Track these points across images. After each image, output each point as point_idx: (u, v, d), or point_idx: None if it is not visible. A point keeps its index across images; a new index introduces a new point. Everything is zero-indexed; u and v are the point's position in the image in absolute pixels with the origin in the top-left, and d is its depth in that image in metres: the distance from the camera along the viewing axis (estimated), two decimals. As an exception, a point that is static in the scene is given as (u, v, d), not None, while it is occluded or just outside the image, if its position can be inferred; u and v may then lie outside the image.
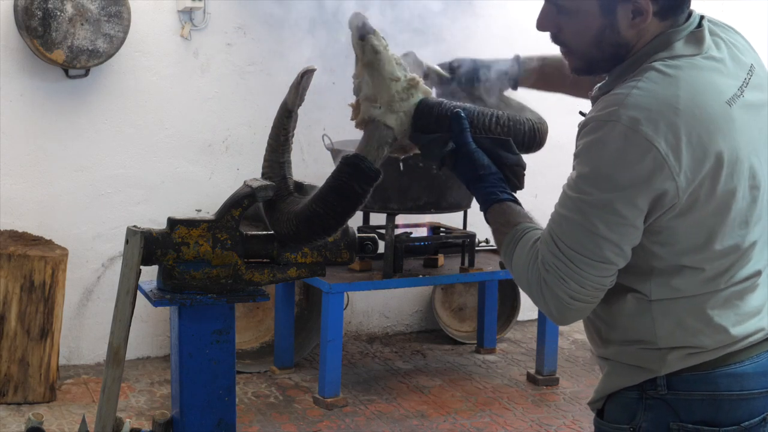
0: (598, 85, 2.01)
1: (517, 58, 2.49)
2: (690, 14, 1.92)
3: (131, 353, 5.39)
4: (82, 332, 5.42)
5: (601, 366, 2.03)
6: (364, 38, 2.07)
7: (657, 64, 1.84)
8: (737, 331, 1.88)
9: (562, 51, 2.02)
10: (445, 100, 2.19)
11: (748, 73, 1.90)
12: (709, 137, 1.79)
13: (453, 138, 2.09)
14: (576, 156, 1.85)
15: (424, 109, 2.18)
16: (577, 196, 1.81)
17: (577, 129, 1.90)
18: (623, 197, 1.77)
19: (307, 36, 5.91)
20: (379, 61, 2.08)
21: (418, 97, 2.19)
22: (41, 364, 4.79)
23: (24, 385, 4.78)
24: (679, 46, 1.87)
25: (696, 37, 1.89)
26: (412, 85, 2.13)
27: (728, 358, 1.87)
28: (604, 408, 2.00)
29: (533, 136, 2.19)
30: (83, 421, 2.56)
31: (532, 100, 2.44)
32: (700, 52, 1.87)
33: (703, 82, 1.83)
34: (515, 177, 2.08)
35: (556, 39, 2.00)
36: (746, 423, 1.87)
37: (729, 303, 1.88)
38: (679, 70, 1.82)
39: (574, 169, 1.86)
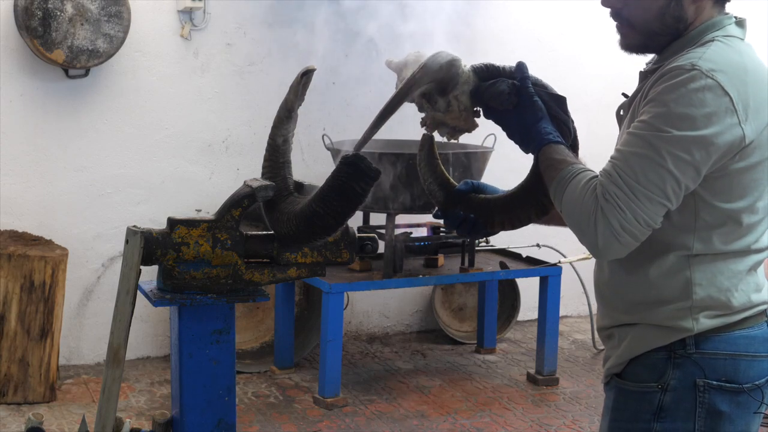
0: (651, 60, 2.15)
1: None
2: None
3: (131, 353, 5.39)
4: (82, 332, 5.42)
5: (619, 336, 2.11)
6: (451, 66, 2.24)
7: (718, 38, 2.02)
8: (756, 297, 2.05)
9: (619, 27, 2.13)
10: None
11: None
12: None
13: (518, 80, 2.17)
14: (651, 100, 1.94)
15: (483, 68, 2.32)
16: (651, 134, 1.91)
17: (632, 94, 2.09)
18: (697, 138, 1.89)
19: (307, 36, 5.92)
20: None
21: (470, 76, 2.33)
22: (41, 364, 4.79)
23: (24, 385, 4.78)
24: (731, 29, 2.08)
25: (742, 24, 2.13)
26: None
27: (744, 322, 2.03)
28: (625, 371, 2.09)
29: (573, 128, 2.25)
30: (83, 421, 2.56)
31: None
32: (744, 37, 2.10)
33: (756, 59, 2.05)
34: (562, 135, 2.14)
35: (617, 15, 2.12)
36: (759, 381, 2.03)
37: (752, 269, 2.05)
38: (737, 45, 2.04)
39: (643, 114, 1.95)
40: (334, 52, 5.90)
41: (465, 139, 2.55)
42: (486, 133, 5.55)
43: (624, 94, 2.20)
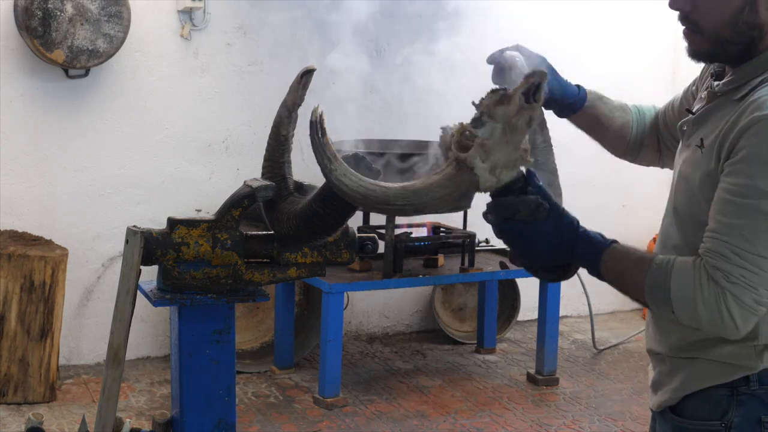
0: (723, 81, 1.97)
1: (579, 88, 2.35)
2: None
3: (131, 353, 5.39)
4: (82, 332, 5.42)
5: (673, 365, 2.02)
6: (536, 102, 1.77)
7: None
8: None
9: (686, 32, 1.98)
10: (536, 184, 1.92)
11: None
12: None
13: (542, 198, 1.87)
14: (743, 159, 1.79)
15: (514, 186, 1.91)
16: (757, 201, 1.76)
17: (720, 131, 1.87)
18: None
19: (307, 36, 5.92)
20: (526, 130, 1.80)
21: (520, 170, 1.89)
22: (41, 364, 4.79)
23: (24, 385, 4.78)
24: None
25: None
26: (524, 157, 1.84)
27: None
28: (682, 406, 2.00)
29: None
30: (83, 421, 2.56)
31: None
32: None
33: None
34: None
35: (685, 19, 1.97)
36: None
37: None
38: None
39: (739, 174, 1.79)
40: (334, 52, 5.90)
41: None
42: (486, 133, 5.56)
43: (689, 111, 2.06)
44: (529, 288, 6.06)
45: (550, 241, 1.85)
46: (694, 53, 1.97)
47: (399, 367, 5.65)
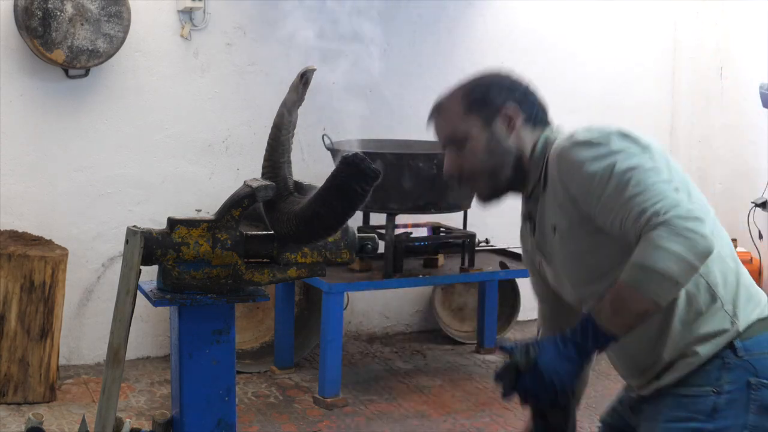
0: (524, 207, 2.30)
1: None
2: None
3: (131, 353, 5.39)
4: (82, 332, 5.42)
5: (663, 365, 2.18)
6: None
7: (558, 137, 2.17)
8: (764, 298, 2.21)
9: (470, 189, 2.27)
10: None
11: None
12: None
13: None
14: (578, 180, 2.07)
15: None
16: (613, 178, 2.00)
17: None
18: (630, 140, 2.07)
19: (307, 36, 5.92)
20: None
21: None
22: (41, 364, 4.79)
23: (24, 385, 4.78)
24: (557, 131, 2.24)
25: (558, 130, 2.26)
26: None
27: None
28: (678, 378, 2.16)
29: None
30: (83, 421, 2.56)
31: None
32: None
33: None
34: None
35: (460, 179, 2.25)
36: None
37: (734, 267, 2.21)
38: None
39: (588, 180, 2.05)
40: (334, 52, 5.90)
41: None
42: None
43: (535, 247, 2.31)
44: (529, 288, 6.05)
45: (560, 357, 2.04)
46: (485, 198, 2.27)
47: (399, 367, 5.65)
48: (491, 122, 2.20)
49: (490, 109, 2.20)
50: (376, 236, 2.55)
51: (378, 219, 5.41)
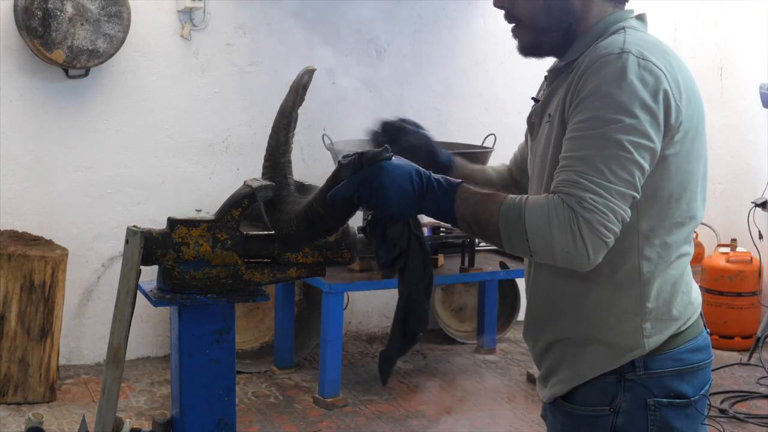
0: (554, 65, 2.10)
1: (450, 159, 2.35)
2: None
3: (131, 353, 5.39)
4: (82, 332, 5.42)
5: (561, 351, 2.04)
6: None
7: (627, 26, 1.98)
8: (695, 301, 2.06)
9: (513, 30, 2.08)
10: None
11: None
12: (688, 76, 1.97)
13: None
14: (589, 95, 1.87)
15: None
16: (604, 129, 1.83)
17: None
18: (649, 116, 1.85)
19: (307, 36, 5.92)
20: None
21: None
22: (41, 364, 4.79)
23: (24, 385, 4.78)
24: (633, 22, 2.02)
25: (642, 19, 2.06)
26: None
27: (688, 333, 2.03)
28: (572, 393, 2.04)
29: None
30: (83, 421, 2.56)
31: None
32: (646, 28, 2.05)
33: (662, 40, 2.01)
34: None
35: (509, 15, 2.07)
36: (704, 389, 2.05)
37: (687, 272, 2.04)
38: (642, 31, 2.01)
39: (583, 111, 1.87)
40: (334, 52, 5.90)
41: (465, 138, 2.55)
42: (486, 133, 5.56)
43: (534, 99, 2.15)
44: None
45: (400, 185, 1.88)
46: (523, 48, 2.08)
47: (399, 367, 5.65)
48: None
49: None
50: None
51: (378, 219, 5.40)
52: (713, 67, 6.59)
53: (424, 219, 6.15)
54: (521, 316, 6.29)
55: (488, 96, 6.12)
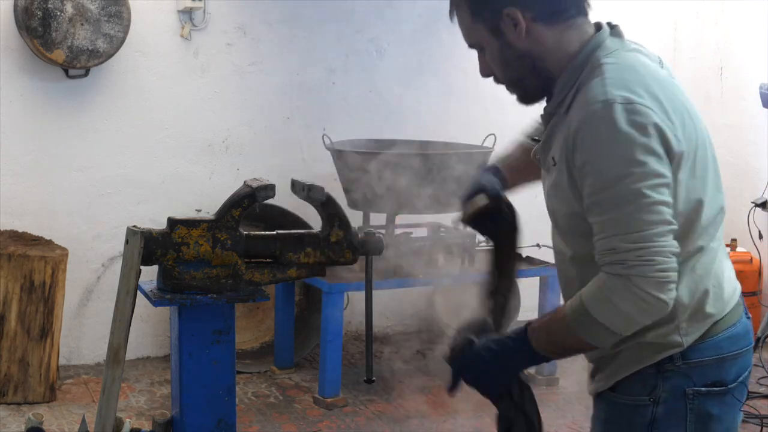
0: (548, 103, 2.09)
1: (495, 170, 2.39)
2: (599, 26, 2.10)
3: (131, 353, 5.39)
4: (82, 332, 5.42)
5: (599, 353, 2.10)
6: None
7: (602, 59, 1.98)
8: (728, 293, 2.07)
9: (507, 89, 2.13)
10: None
11: (659, 62, 2.12)
12: (673, 94, 1.96)
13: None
14: (589, 159, 1.89)
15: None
16: (617, 188, 1.86)
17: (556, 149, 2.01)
18: (653, 156, 1.86)
19: (307, 36, 5.92)
20: None
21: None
22: (41, 364, 4.79)
23: (24, 385, 4.78)
24: (609, 43, 2.02)
25: (617, 33, 2.07)
26: None
27: (726, 320, 2.05)
28: (618, 383, 2.10)
29: None
30: (83, 421, 2.57)
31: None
32: (623, 44, 2.05)
33: (641, 59, 2.02)
34: None
35: (496, 80, 2.12)
36: (742, 376, 2.09)
37: (715, 267, 2.05)
38: (621, 56, 2.00)
39: (591, 174, 1.89)
40: (334, 52, 5.90)
41: (465, 138, 2.55)
42: (486, 133, 5.55)
43: (533, 139, 2.21)
44: (529, 288, 6.06)
45: (483, 370, 2.16)
46: (519, 100, 2.13)
47: (399, 367, 5.64)
48: (497, 28, 2.01)
49: (492, 14, 2.00)
50: (382, 236, 2.54)
51: (378, 219, 5.41)
52: (713, 67, 6.59)
53: (424, 219, 6.11)
54: (521, 316, 6.27)
55: (488, 96, 6.10)
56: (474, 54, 2.14)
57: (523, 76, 2.06)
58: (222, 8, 5.56)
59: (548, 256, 5.81)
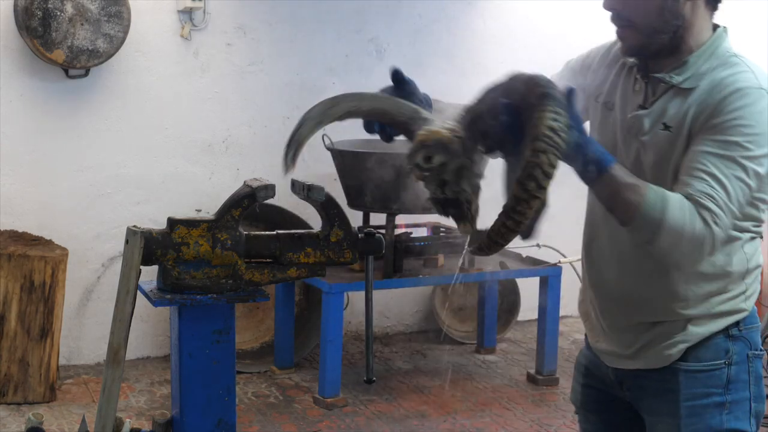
0: (677, 75, 2.17)
1: None
2: (715, 26, 2.25)
3: (131, 353, 5.39)
4: (82, 332, 5.42)
5: (663, 327, 2.23)
6: None
7: (738, 54, 2.23)
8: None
9: (620, 31, 2.19)
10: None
11: None
12: None
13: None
14: (729, 121, 2.04)
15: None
16: (737, 155, 2.02)
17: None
18: None
19: (307, 36, 5.92)
20: None
21: None
22: (41, 364, 4.79)
23: (24, 385, 4.78)
24: (732, 45, 2.24)
25: (727, 33, 2.26)
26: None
27: (754, 295, 2.29)
28: (686, 354, 2.23)
29: None
30: (83, 421, 2.56)
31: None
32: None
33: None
34: None
35: (618, 17, 2.17)
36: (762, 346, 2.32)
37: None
38: (742, 55, 2.24)
39: (724, 132, 2.04)
40: (334, 52, 5.90)
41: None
42: (486, 133, 5.55)
43: (641, 106, 2.22)
44: (529, 288, 6.06)
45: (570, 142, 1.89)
46: (629, 48, 2.19)
47: (399, 367, 5.65)
48: None
49: None
50: (381, 236, 2.53)
51: (378, 219, 5.41)
52: (713, 67, 6.58)
53: (424, 219, 6.12)
54: (521, 316, 6.29)
55: (488, 96, 6.11)
56: (474, 54, 2.13)
57: (662, 31, 2.13)
58: (222, 8, 5.56)
59: (548, 256, 5.82)
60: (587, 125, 2.28)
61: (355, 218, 2.33)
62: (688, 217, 1.99)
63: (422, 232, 5.68)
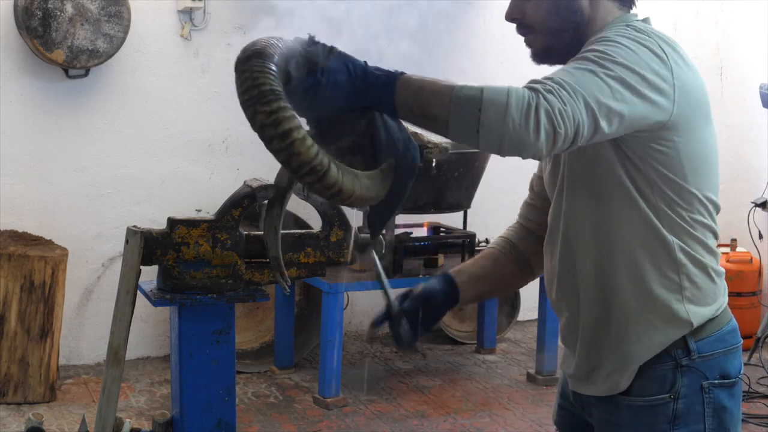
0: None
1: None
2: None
3: (131, 353, 5.39)
4: (82, 332, 5.42)
5: (605, 343, 2.08)
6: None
7: (633, 22, 2.06)
8: (722, 287, 2.12)
9: (526, 39, 2.11)
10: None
11: None
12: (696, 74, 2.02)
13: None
14: (587, 48, 1.93)
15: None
16: (591, 58, 1.87)
17: None
18: (651, 86, 1.89)
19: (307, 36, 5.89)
20: None
21: None
22: (41, 364, 4.79)
23: (24, 385, 4.78)
24: (640, 24, 2.08)
25: (647, 23, 2.11)
26: None
27: (726, 315, 2.11)
28: (631, 386, 2.07)
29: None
30: (83, 421, 2.57)
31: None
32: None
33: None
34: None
35: (521, 26, 2.10)
36: (741, 371, 2.12)
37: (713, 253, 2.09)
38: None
39: (580, 54, 1.92)
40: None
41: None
42: (486, 133, 5.56)
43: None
44: (529, 288, 6.04)
45: (344, 81, 1.91)
46: (536, 53, 2.11)
47: (399, 367, 5.65)
48: None
49: None
50: (382, 236, 2.54)
51: (378, 219, 5.40)
52: (713, 67, 6.59)
53: (424, 219, 6.11)
54: (521, 316, 6.29)
55: (488, 96, 6.12)
56: (473, 54, 2.13)
57: (563, 29, 2.06)
58: (222, 8, 5.56)
59: (548, 256, 5.81)
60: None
61: (355, 218, 2.33)
62: (510, 90, 1.76)
63: (422, 232, 5.68)
